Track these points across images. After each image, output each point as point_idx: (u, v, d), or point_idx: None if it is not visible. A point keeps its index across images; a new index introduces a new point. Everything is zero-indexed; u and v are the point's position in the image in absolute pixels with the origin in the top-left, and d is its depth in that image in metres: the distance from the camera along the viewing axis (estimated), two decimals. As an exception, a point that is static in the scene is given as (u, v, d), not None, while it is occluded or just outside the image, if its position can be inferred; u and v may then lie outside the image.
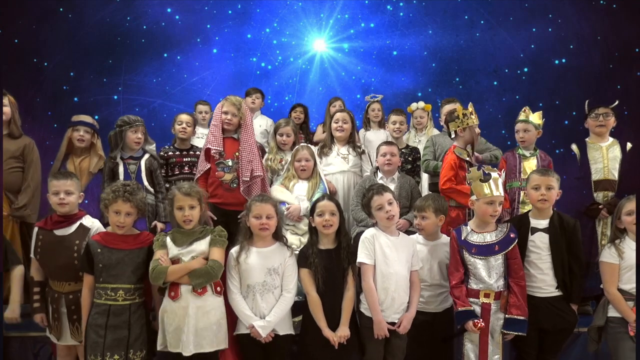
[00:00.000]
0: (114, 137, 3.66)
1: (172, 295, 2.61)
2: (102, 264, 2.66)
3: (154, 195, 3.62)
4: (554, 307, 2.88)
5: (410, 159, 4.25)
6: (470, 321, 2.75)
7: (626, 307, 2.83)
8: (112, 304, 2.64)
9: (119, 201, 2.67)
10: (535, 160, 3.78)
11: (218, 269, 2.63)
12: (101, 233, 2.80)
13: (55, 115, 6.16)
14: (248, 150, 3.57)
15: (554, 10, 6.66)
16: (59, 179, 2.85)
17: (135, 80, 6.67)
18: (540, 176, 2.95)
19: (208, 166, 3.55)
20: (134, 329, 2.66)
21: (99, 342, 2.59)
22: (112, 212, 2.70)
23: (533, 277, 2.91)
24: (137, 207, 2.73)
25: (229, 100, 3.60)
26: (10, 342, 3.28)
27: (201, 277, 2.60)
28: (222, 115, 3.57)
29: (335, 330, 2.72)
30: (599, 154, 3.81)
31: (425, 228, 3.06)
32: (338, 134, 4.11)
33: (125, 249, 2.70)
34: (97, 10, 6.45)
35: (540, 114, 3.84)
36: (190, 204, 2.69)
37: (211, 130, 3.57)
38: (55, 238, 2.84)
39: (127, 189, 2.70)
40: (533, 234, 2.93)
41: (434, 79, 6.96)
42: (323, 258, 2.78)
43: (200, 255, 2.67)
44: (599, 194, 3.76)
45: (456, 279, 2.84)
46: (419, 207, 3.07)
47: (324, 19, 7.00)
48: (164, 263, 2.60)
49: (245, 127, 3.62)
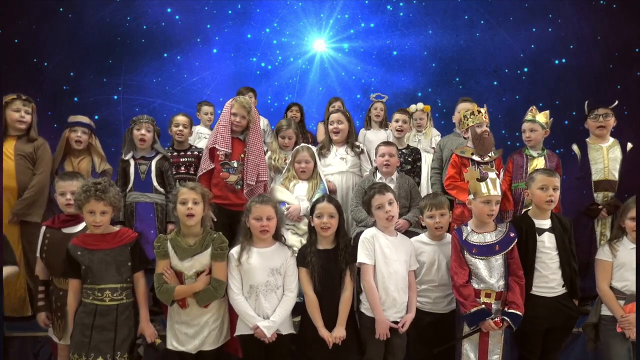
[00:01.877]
0: (124, 136, 3.69)
1: (180, 304, 2.71)
2: (84, 266, 2.64)
3: (165, 196, 3.59)
4: (563, 305, 2.90)
5: (410, 160, 4.25)
6: (489, 320, 2.72)
7: (616, 304, 2.86)
8: (98, 304, 2.63)
9: (91, 201, 2.61)
10: (542, 161, 3.76)
11: (221, 289, 2.71)
12: (80, 236, 2.75)
13: (55, 115, 6.14)
14: (256, 154, 3.56)
15: (554, 10, 6.66)
16: (65, 180, 2.89)
17: (135, 80, 6.67)
18: (548, 177, 2.93)
19: (212, 166, 3.53)
20: (121, 330, 2.64)
21: (84, 342, 2.58)
22: (86, 212, 2.64)
23: (545, 278, 2.90)
24: (112, 204, 2.67)
25: (238, 102, 3.58)
26: (10, 342, 3.29)
27: (207, 298, 2.69)
28: (231, 116, 3.56)
29: (332, 329, 2.73)
30: (600, 154, 3.81)
31: (445, 224, 3.01)
32: (335, 136, 4.11)
33: (106, 249, 2.67)
34: (97, 10, 6.45)
35: (547, 114, 3.81)
36: (194, 198, 2.69)
37: (219, 131, 3.53)
38: (63, 236, 2.85)
39: (98, 187, 2.63)
40: (540, 235, 2.93)
41: (434, 79, 6.96)
42: (321, 258, 2.78)
43: (202, 268, 2.71)
44: (599, 194, 3.76)
45: (462, 278, 2.79)
46: (436, 204, 3.00)
47: (324, 19, 7.00)
48: (169, 279, 2.66)
49: (254, 131, 3.61)
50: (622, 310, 2.82)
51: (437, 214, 2.98)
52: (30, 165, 3.58)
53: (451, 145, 4.08)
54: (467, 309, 2.74)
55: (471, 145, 3.72)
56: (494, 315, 2.74)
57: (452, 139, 4.18)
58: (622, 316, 2.81)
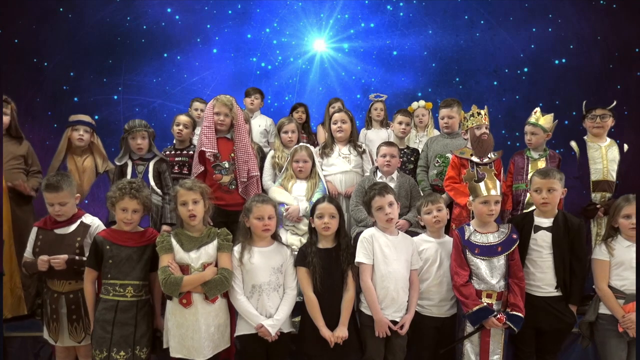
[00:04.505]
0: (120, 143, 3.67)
1: (185, 302, 2.62)
2: (112, 260, 2.67)
3: (161, 197, 3.59)
4: (552, 308, 2.89)
5: (412, 159, 4.25)
6: (491, 317, 2.72)
7: (615, 304, 2.85)
8: (120, 300, 2.65)
9: (125, 198, 2.68)
10: (544, 162, 3.74)
11: (231, 278, 2.68)
12: (107, 230, 2.80)
13: (55, 115, 6.15)
14: (243, 150, 3.56)
15: (554, 10, 6.65)
16: (51, 192, 2.80)
17: (135, 80, 6.67)
18: (542, 179, 2.93)
19: (202, 168, 3.54)
20: (141, 326, 2.68)
21: (106, 338, 2.61)
22: (119, 209, 2.71)
23: (532, 275, 2.92)
24: (144, 204, 2.74)
25: (220, 101, 3.56)
26: (10, 342, 3.28)
27: (216, 288, 2.63)
28: (214, 116, 3.54)
29: (333, 329, 2.73)
30: (599, 154, 3.79)
31: (443, 218, 3.01)
32: (338, 134, 4.11)
33: (133, 247, 2.71)
34: (97, 10, 6.45)
35: (551, 117, 3.78)
36: (193, 199, 2.70)
37: (204, 132, 3.53)
38: (55, 237, 2.84)
39: (133, 186, 2.71)
40: (536, 232, 2.93)
41: (434, 79, 6.95)
42: (322, 257, 2.79)
43: (209, 260, 2.68)
44: (596, 194, 3.75)
45: (463, 278, 2.80)
46: (432, 200, 3.01)
47: (324, 19, 6.99)
48: (175, 271, 2.60)
49: (238, 127, 3.59)
50: (623, 310, 2.82)
51: (433, 209, 2.98)
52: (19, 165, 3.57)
53: (436, 146, 4.09)
54: (469, 308, 2.75)
55: (470, 147, 3.71)
56: (496, 313, 2.74)
57: (438, 140, 4.19)
58: (623, 316, 2.81)
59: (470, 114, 3.70)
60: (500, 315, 2.72)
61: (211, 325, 2.65)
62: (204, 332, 2.61)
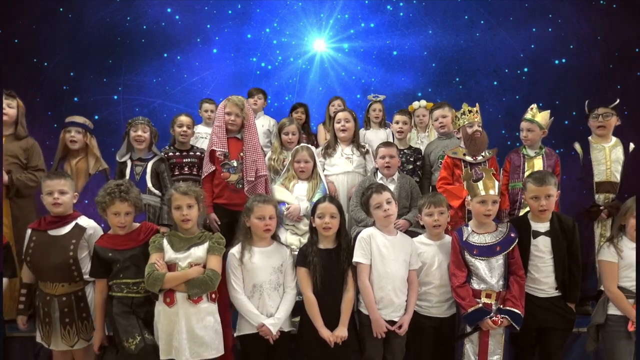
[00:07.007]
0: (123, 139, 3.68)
1: (168, 301, 2.58)
2: (119, 265, 2.67)
3: (160, 198, 3.57)
4: (554, 306, 2.89)
5: (412, 160, 4.25)
6: (487, 319, 2.72)
7: (627, 305, 2.83)
8: (135, 296, 2.67)
9: (116, 202, 2.66)
10: (540, 160, 3.73)
11: (216, 280, 2.60)
12: (104, 237, 2.77)
13: (55, 115, 6.14)
14: (252, 150, 3.59)
15: (554, 10, 6.64)
16: (52, 179, 2.82)
17: (135, 80, 6.66)
18: (538, 186, 2.87)
19: (213, 168, 3.57)
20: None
21: (133, 323, 2.61)
22: (111, 214, 2.68)
23: (537, 280, 2.91)
24: (135, 204, 2.72)
25: (231, 101, 3.60)
26: (10, 342, 3.29)
27: (198, 287, 2.57)
28: (225, 116, 3.57)
29: (333, 329, 2.73)
30: (602, 155, 3.77)
31: (444, 223, 2.98)
32: (342, 134, 4.10)
33: (135, 247, 2.71)
34: (97, 10, 6.44)
35: (547, 114, 3.77)
36: (188, 203, 2.67)
37: (215, 132, 3.57)
38: (49, 238, 2.81)
39: (121, 188, 2.67)
40: (535, 238, 2.91)
41: (434, 79, 6.94)
42: (322, 257, 2.79)
43: (197, 261, 2.63)
44: (600, 195, 3.73)
45: (460, 279, 2.81)
46: (435, 202, 2.96)
47: (324, 19, 6.99)
48: (160, 268, 2.57)
49: (249, 127, 3.64)
50: (634, 310, 2.80)
51: (435, 212, 2.95)
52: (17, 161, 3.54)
53: (436, 149, 4.09)
54: (465, 310, 2.76)
55: (463, 146, 3.69)
56: (492, 314, 2.74)
57: (436, 143, 4.18)
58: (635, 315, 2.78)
59: (462, 112, 3.68)
60: (495, 317, 2.72)
61: (195, 327, 2.55)
62: (185, 333, 2.53)
